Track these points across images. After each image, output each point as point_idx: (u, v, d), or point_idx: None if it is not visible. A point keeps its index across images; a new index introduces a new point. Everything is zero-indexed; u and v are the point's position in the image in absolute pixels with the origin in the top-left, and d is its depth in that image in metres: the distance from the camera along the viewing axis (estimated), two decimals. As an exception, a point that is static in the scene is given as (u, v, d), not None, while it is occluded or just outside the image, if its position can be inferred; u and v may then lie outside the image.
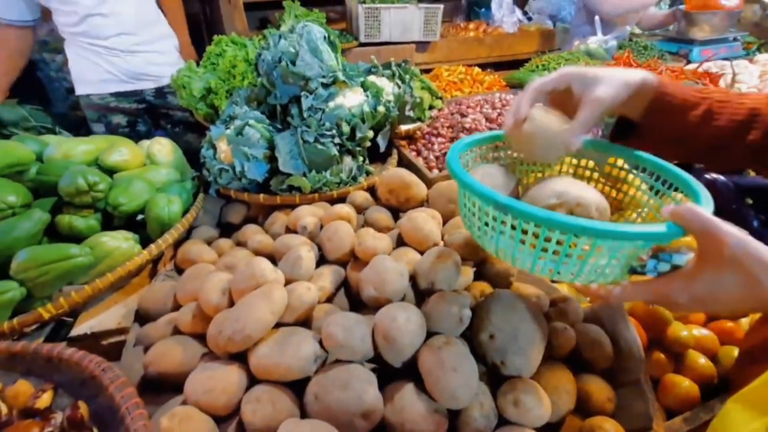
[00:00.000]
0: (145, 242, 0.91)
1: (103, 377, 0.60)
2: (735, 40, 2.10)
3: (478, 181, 0.51)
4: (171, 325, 0.71)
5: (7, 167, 0.86)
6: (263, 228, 0.95)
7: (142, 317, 0.81)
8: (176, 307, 0.77)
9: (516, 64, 2.47)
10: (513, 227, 0.49)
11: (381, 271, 0.64)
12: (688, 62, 2.05)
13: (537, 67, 1.90)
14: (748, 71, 1.74)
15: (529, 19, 3.07)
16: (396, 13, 2.45)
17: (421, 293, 0.68)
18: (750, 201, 1.08)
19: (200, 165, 1.09)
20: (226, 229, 1.04)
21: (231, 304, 0.65)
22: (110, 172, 0.97)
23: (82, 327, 0.79)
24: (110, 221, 0.93)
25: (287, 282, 0.68)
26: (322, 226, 0.83)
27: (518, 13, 3.01)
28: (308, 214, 0.86)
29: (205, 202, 1.08)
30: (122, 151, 0.99)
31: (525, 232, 0.48)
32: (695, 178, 0.89)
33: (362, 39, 2.46)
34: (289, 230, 0.88)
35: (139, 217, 0.95)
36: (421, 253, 0.73)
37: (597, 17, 2.30)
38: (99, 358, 0.62)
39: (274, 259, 0.78)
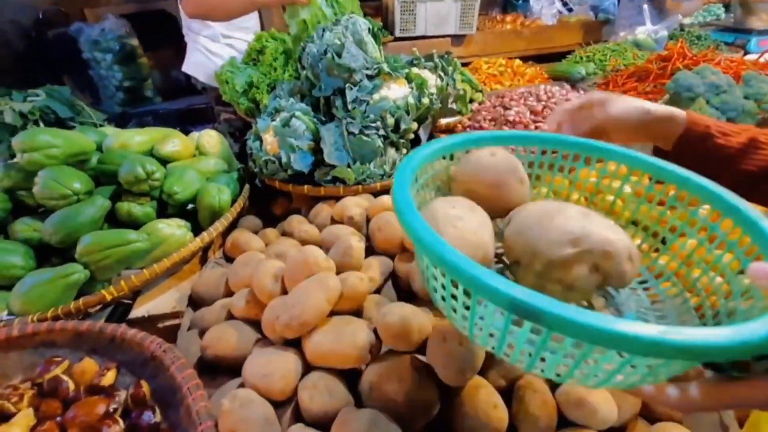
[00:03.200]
0: (195, 230, 0.93)
1: (164, 358, 0.62)
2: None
3: (459, 254, 0.31)
4: (225, 310, 0.73)
5: (71, 156, 0.91)
6: (307, 219, 0.96)
7: (195, 302, 0.84)
8: (228, 293, 0.79)
9: (556, 57, 2.38)
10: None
11: (434, 262, 0.63)
12: (746, 53, 1.92)
13: (581, 58, 1.83)
14: (817, 60, 1.61)
15: (570, 10, 2.96)
16: (432, 6, 2.42)
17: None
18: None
19: (245, 156, 1.11)
20: (270, 220, 1.05)
21: (284, 290, 0.66)
22: (164, 162, 1.00)
23: (140, 310, 0.82)
24: (164, 209, 0.97)
25: (338, 271, 0.68)
26: (367, 218, 0.83)
27: (558, 4, 2.91)
28: (355, 205, 0.86)
29: (250, 193, 1.10)
30: (174, 142, 1.02)
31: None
32: None
33: (398, 33, 2.45)
34: (334, 221, 0.88)
35: (190, 206, 0.98)
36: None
37: (645, 6, 2.19)
38: (160, 339, 0.64)
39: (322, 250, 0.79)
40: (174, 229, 0.88)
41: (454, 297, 0.35)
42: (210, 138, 1.10)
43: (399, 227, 0.76)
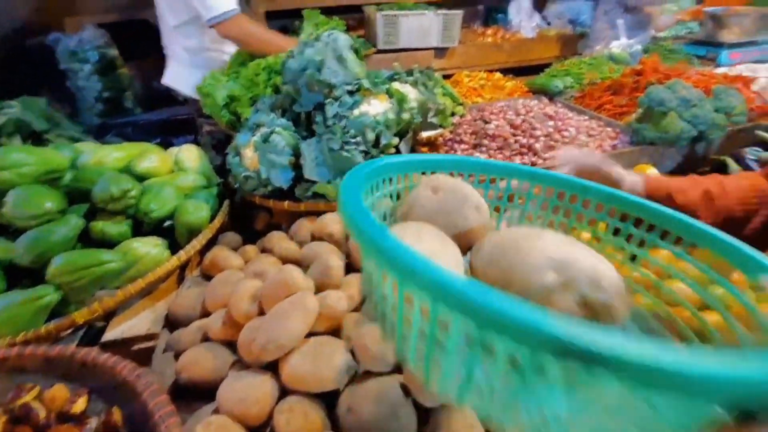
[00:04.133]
0: (172, 248, 0.92)
1: (136, 383, 0.60)
2: (767, 42, 2.04)
3: (423, 257, 0.24)
4: (201, 332, 0.72)
5: (44, 174, 0.88)
6: (288, 235, 0.95)
7: (172, 323, 0.82)
8: (205, 313, 0.78)
9: (536, 69, 2.44)
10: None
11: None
12: (717, 66, 1.99)
13: (559, 72, 1.88)
14: (781, 75, 1.68)
15: (548, 23, 3.04)
16: (414, 20, 2.45)
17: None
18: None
19: (225, 172, 1.10)
20: (249, 236, 1.04)
21: (261, 311, 0.65)
22: (141, 178, 0.99)
23: (113, 332, 0.80)
24: (140, 227, 0.95)
25: (317, 290, 0.67)
26: (347, 235, 0.83)
27: (537, 17, 2.98)
28: (335, 222, 0.85)
29: (229, 209, 1.09)
30: (152, 158, 1.01)
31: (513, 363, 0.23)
32: None
33: (380, 46, 2.47)
34: (315, 237, 0.88)
35: (167, 223, 0.97)
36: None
37: (620, 20, 2.26)
38: (132, 363, 0.63)
39: (300, 267, 0.78)
40: (150, 247, 0.86)
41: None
42: (189, 153, 1.09)
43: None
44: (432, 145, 1.38)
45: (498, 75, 1.91)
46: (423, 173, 0.48)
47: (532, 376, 0.21)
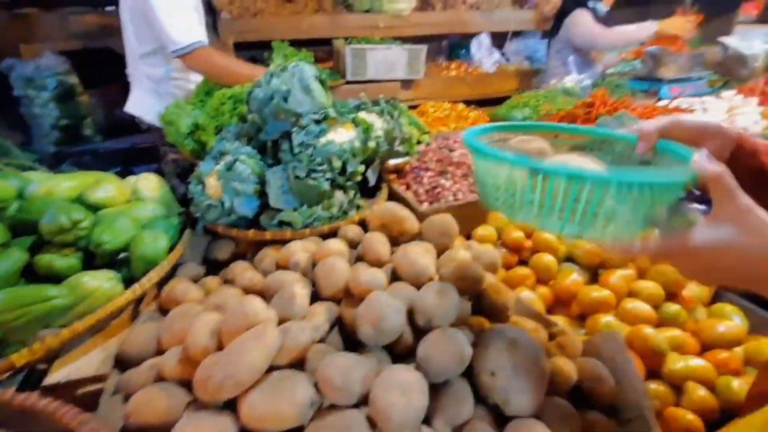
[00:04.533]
0: (128, 281, 0.87)
1: (79, 431, 0.55)
2: (700, 78, 2.25)
3: (499, 149, 0.54)
4: (154, 371, 0.67)
5: (-15, 205, 0.83)
6: (252, 265, 0.92)
7: (123, 363, 0.76)
8: (160, 351, 0.73)
9: (497, 101, 2.57)
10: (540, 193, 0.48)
11: (378, 308, 0.62)
12: (659, 99, 2.17)
13: (518, 104, 1.98)
14: (715, 107, 1.85)
15: (507, 60, 3.24)
16: (381, 53, 2.55)
17: (418, 330, 0.66)
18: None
19: (189, 201, 1.07)
20: (213, 267, 1.01)
21: (220, 346, 0.62)
22: (94, 208, 0.94)
23: (57, 374, 0.74)
24: (92, 259, 0.89)
25: (280, 321, 0.65)
26: (314, 263, 0.82)
27: (496, 54, 3.18)
28: (300, 250, 0.84)
29: (191, 239, 1.05)
30: (107, 188, 0.97)
31: (554, 197, 0.47)
32: None
33: (349, 77, 2.55)
34: (280, 267, 0.86)
35: (123, 254, 0.92)
36: (417, 287, 0.72)
37: (571, 58, 2.44)
38: (76, 409, 0.57)
39: (264, 298, 0.76)
40: (101, 281, 0.81)
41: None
42: (148, 182, 1.05)
43: (344, 271, 0.75)
44: (399, 172, 1.41)
45: (461, 106, 1.99)
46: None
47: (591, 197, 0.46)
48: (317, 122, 1.06)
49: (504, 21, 3.07)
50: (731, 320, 0.94)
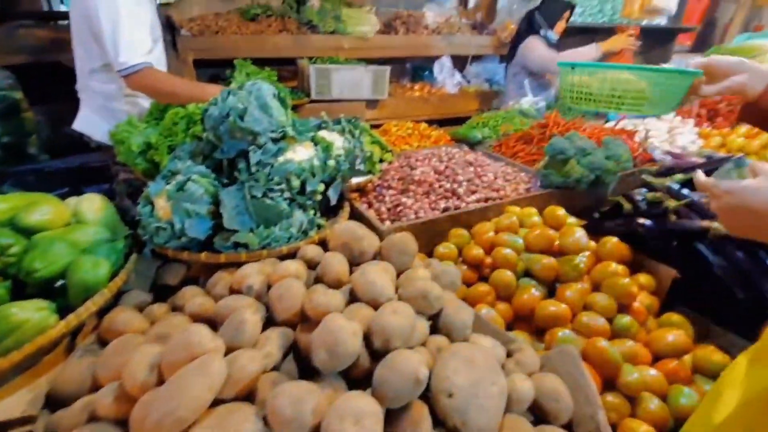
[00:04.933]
0: (64, 312, 0.80)
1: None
2: (642, 102, 2.42)
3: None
4: (87, 411, 0.61)
5: None
6: (204, 290, 0.88)
7: (55, 402, 0.69)
8: (96, 387, 0.67)
9: (458, 120, 2.65)
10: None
11: (333, 331, 0.60)
12: (607, 121, 2.31)
13: (478, 123, 2.05)
14: (657, 128, 1.99)
15: (468, 82, 3.37)
16: (346, 73, 2.58)
17: (375, 353, 0.64)
18: (675, 243, 1.19)
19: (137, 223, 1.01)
20: (163, 293, 0.95)
21: (161, 381, 0.58)
22: (29, 232, 0.87)
23: (-28, 421, 0.65)
24: (24, 288, 0.82)
25: (228, 350, 0.61)
26: (269, 286, 0.78)
27: (458, 76, 3.30)
28: (255, 273, 0.81)
29: (138, 264, 0.99)
30: (43, 210, 0.90)
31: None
32: (627, 222, 1.19)
33: (313, 96, 2.55)
34: (234, 291, 0.82)
35: (59, 282, 0.85)
36: (375, 308, 0.71)
37: (526, 81, 2.56)
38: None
39: (215, 325, 0.71)
40: (31, 312, 0.74)
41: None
42: (91, 203, 0.99)
43: (300, 294, 0.73)
44: (362, 191, 1.40)
45: (424, 125, 2.04)
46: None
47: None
48: (275, 141, 1.05)
49: (464, 45, 3.21)
50: (679, 330, 0.98)
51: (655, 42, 4.46)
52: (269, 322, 0.74)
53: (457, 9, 3.45)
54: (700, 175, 0.70)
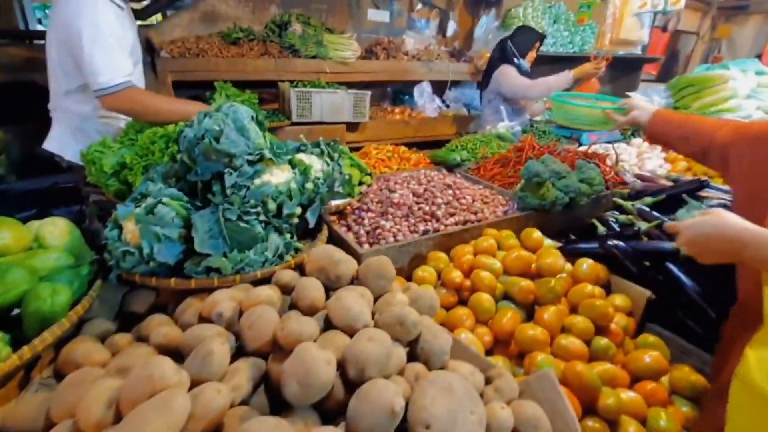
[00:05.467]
0: (20, 343, 0.74)
1: None
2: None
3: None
4: (36, 454, 0.56)
5: None
6: (173, 318, 0.84)
7: (-1, 445, 0.64)
8: (50, 425, 0.62)
9: (438, 144, 2.70)
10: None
11: (305, 361, 0.58)
12: (580, 144, 2.39)
13: (457, 147, 2.09)
14: (627, 152, 2.07)
15: (447, 106, 3.45)
16: (327, 97, 2.61)
17: (350, 383, 0.62)
18: (647, 263, 1.21)
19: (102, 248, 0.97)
20: (130, 321, 0.90)
21: (120, 419, 0.54)
22: (-18, 259, 0.82)
23: None
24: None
25: (194, 383, 0.58)
26: (241, 313, 0.75)
27: (437, 101, 3.38)
28: (225, 299, 0.77)
29: (104, 291, 0.94)
30: (1, 234, 0.85)
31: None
32: (601, 243, 1.23)
33: (294, 119, 2.56)
34: (204, 319, 0.78)
35: (15, 311, 0.80)
36: (351, 335, 0.69)
37: (503, 107, 2.64)
38: None
39: (182, 356, 0.68)
40: (-21, 346, 0.69)
41: None
42: (54, 227, 0.94)
43: (272, 321, 0.70)
44: (341, 213, 1.39)
45: (403, 148, 2.06)
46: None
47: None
48: (252, 163, 1.03)
49: (442, 71, 3.30)
50: (655, 351, 0.99)
51: (623, 71, 4.71)
52: (240, 351, 0.71)
53: (436, 37, 3.56)
54: (668, 223, 0.85)
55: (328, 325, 0.74)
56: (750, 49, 5.61)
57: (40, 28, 3.80)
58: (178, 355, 0.70)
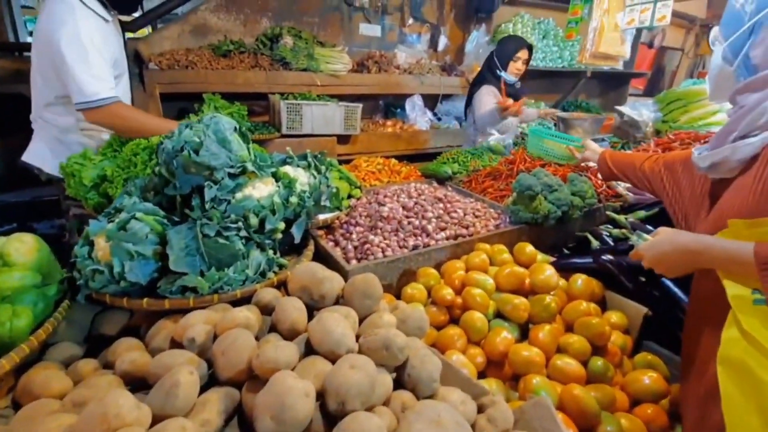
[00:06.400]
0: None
1: None
2: (603, 140, 2.53)
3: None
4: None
5: None
6: (146, 341, 0.78)
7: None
8: (-4, 467, 0.56)
9: (430, 156, 2.68)
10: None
11: (281, 394, 0.53)
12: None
13: (448, 159, 2.06)
14: (617, 166, 2.06)
15: (439, 119, 3.46)
16: (317, 109, 2.58)
17: (330, 416, 0.56)
18: (643, 279, 1.18)
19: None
20: (100, 344, 0.84)
21: (70, 461, 0.48)
22: (-62, 279, 0.76)
23: None
24: None
25: (157, 419, 0.53)
26: (216, 337, 0.70)
27: (429, 114, 3.38)
28: (199, 322, 0.72)
29: (73, 312, 0.88)
30: (-40, 253, 0.79)
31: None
32: (595, 258, 1.22)
33: (284, 131, 2.52)
34: (176, 343, 0.73)
35: (-29, 336, 0.73)
36: (334, 362, 0.64)
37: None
38: None
39: (149, 386, 0.62)
40: (-77, 377, 0.62)
41: None
42: (21, 244, 0.89)
43: (248, 347, 0.65)
44: (329, 228, 1.35)
45: (394, 161, 2.03)
46: None
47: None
48: (233, 176, 0.99)
49: (434, 85, 3.31)
50: (654, 371, 0.95)
51: (612, 86, 4.78)
52: (214, 380, 0.66)
53: (427, 52, 3.59)
54: (631, 252, 0.91)
55: (309, 349, 0.69)
56: (733, 65, 5.75)
57: (30, 40, 3.76)
58: (145, 385, 0.64)
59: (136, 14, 2.75)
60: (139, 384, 0.69)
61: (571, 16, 3.21)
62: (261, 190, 1.01)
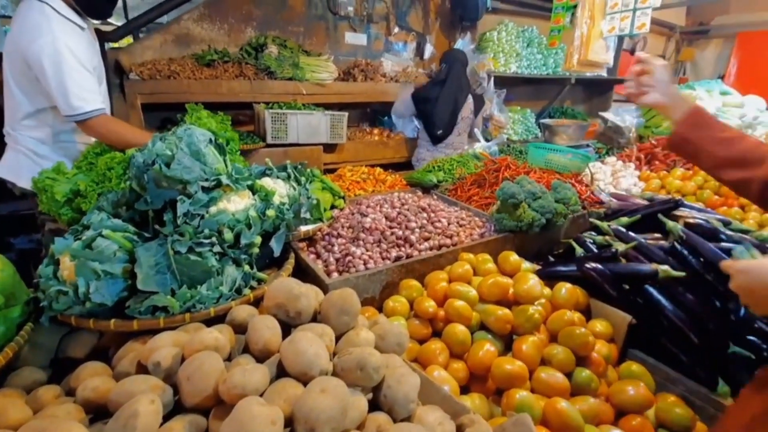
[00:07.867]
0: None
1: None
2: (588, 146, 2.56)
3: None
4: None
5: None
6: (111, 365, 0.75)
7: None
8: None
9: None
10: None
11: (245, 422, 0.50)
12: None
13: (433, 168, 2.06)
14: (602, 171, 2.08)
15: (426, 127, 3.46)
16: (302, 118, 2.57)
17: (300, 443, 0.54)
18: (626, 286, 1.18)
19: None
20: (68, 368, 0.80)
21: (15, 503, 0.45)
22: None
23: None
24: None
25: (113, 453, 0.49)
26: (184, 359, 0.67)
27: (415, 122, 3.39)
28: (167, 344, 0.69)
29: (38, 334, 0.84)
30: None
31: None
32: (579, 266, 1.17)
33: (269, 140, 2.50)
34: (143, 367, 0.70)
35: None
36: (306, 384, 0.61)
37: (476, 129, 2.65)
38: None
39: (107, 414, 0.59)
40: None
41: None
42: (-18, 265, 0.85)
43: (215, 371, 0.62)
44: (311, 240, 1.32)
45: (379, 169, 2.02)
46: None
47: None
48: (207, 190, 0.97)
49: (420, 93, 3.32)
50: (639, 381, 0.94)
51: (596, 92, 4.85)
52: (179, 407, 0.63)
53: (414, 60, 3.60)
54: (724, 261, 0.74)
55: (282, 371, 0.66)
56: (712, 70, 5.88)
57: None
58: (106, 414, 0.61)
59: (119, 23, 2.72)
60: (103, 412, 0.65)
61: (554, 24, 3.26)
62: (236, 203, 0.98)
